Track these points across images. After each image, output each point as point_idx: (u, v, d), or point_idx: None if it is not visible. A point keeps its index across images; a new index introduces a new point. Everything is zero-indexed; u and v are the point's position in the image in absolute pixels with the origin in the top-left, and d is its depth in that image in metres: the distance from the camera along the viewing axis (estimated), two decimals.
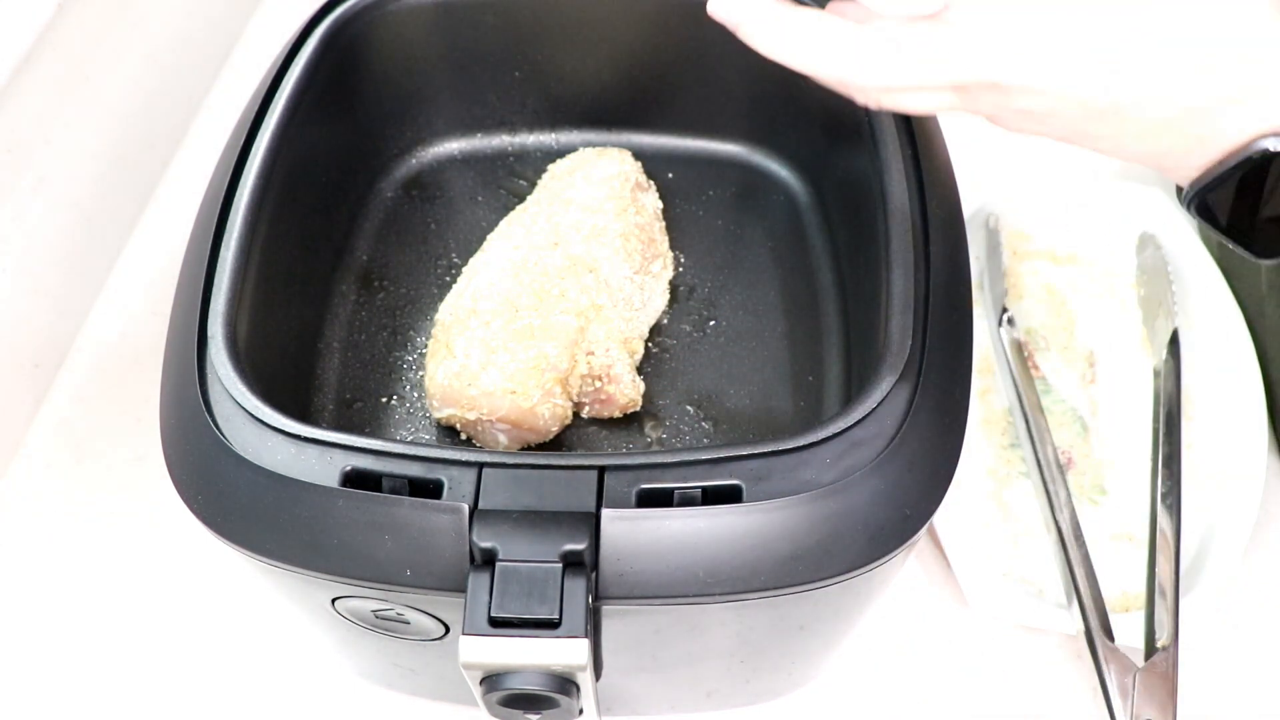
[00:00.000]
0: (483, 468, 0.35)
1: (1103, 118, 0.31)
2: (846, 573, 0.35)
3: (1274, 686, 0.51)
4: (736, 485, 0.35)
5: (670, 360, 0.53)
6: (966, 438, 0.38)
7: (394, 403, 0.52)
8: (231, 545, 0.36)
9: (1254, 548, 0.55)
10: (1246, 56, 0.31)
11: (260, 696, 0.52)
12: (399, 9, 0.54)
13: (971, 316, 0.42)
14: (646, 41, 0.57)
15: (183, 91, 0.74)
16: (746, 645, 0.41)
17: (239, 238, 0.42)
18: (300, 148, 0.48)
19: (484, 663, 0.33)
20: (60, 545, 0.56)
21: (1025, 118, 0.32)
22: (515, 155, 0.61)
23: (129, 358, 0.63)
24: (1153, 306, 0.62)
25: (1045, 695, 0.51)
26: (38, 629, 0.54)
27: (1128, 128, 0.32)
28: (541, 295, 0.49)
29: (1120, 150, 0.33)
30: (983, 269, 0.63)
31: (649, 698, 0.47)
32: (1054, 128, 0.32)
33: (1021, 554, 0.54)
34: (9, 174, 0.57)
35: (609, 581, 0.34)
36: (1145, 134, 0.32)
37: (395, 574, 0.34)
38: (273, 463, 0.36)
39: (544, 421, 0.48)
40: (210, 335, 0.39)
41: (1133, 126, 0.31)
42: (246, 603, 0.54)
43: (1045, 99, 0.31)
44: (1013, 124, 0.33)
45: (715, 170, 0.60)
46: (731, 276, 0.56)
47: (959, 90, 0.32)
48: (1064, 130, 0.33)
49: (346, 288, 0.55)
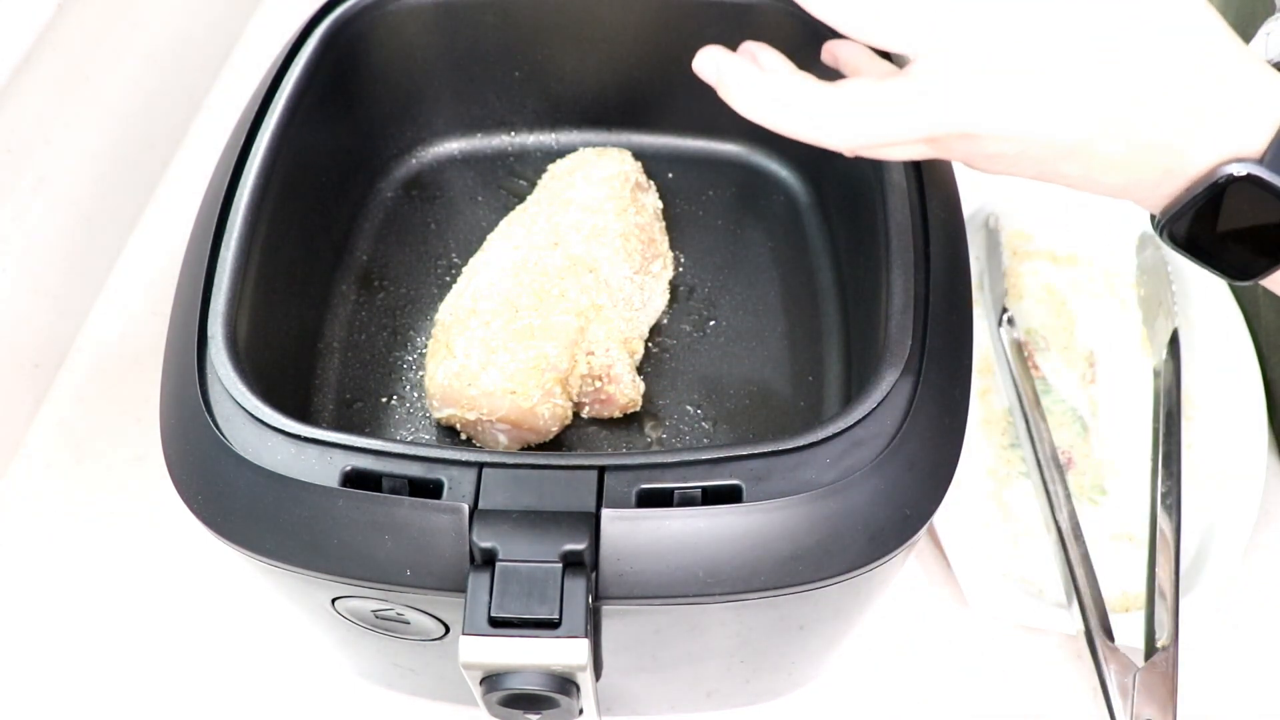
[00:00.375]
0: (483, 468, 0.35)
1: (1072, 156, 0.33)
2: (846, 573, 0.35)
3: (1274, 686, 0.51)
4: (736, 485, 0.35)
5: (670, 360, 0.53)
6: (966, 438, 0.38)
7: (394, 403, 0.52)
8: (231, 545, 0.36)
9: (1254, 548, 0.55)
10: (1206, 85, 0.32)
11: (260, 696, 0.52)
12: (399, 9, 0.54)
13: (971, 316, 0.42)
14: (646, 41, 0.57)
15: (183, 91, 0.74)
16: (746, 645, 0.41)
17: (239, 238, 0.42)
18: (300, 148, 0.48)
19: (484, 663, 0.33)
20: (60, 545, 0.56)
21: (996, 160, 0.34)
22: (515, 155, 0.61)
23: (129, 358, 0.63)
24: (1153, 306, 0.62)
25: (1045, 695, 0.51)
26: (38, 629, 0.54)
27: (1096, 164, 0.33)
28: (541, 295, 0.49)
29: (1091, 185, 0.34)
30: (983, 269, 0.63)
31: (649, 698, 0.47)
32: (1025, 168, 0.34)
33: (1021, 554, 0.54)
34: (9, 174, 0.57)
35: (609, 581, 0.34)
36: (1113, 169, 0.33)
37: (395, 574, 0.34)
38: (273, 463, 0.36)
39: (544, 421, 0.48)
40: (210, 335, 0.39)
41: (1100, 162, 0.33)
42: (246, 603, 0.54)
43: (1014, 143, 0.33)
44: (985, 166, 0.35)
45: (715, 170, 0.60)
46: (731, 276, 0.56)
47: (930, 141, 0.33)
48: (1035, 170, 0.34)
49: (346, 288, 0.55)
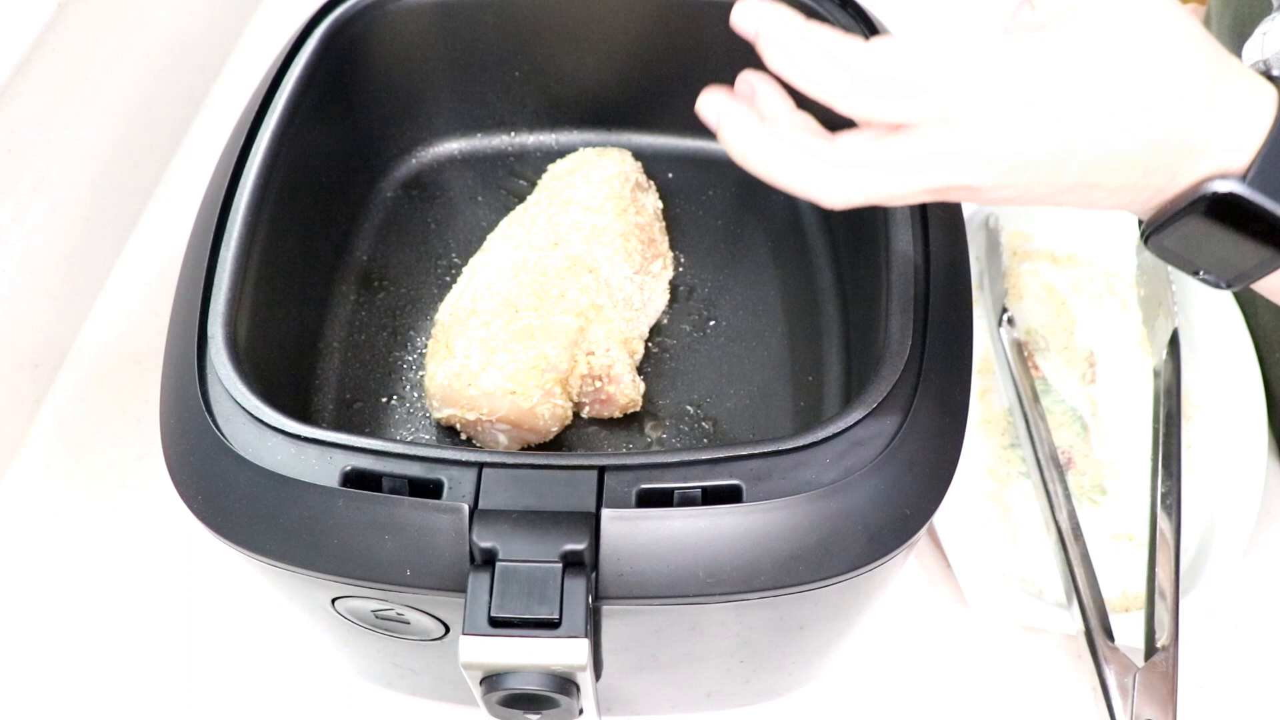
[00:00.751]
0: (483, 468, 0.35)
1: (1071, 191, 0.34)
2: (846, 573, 0.35)
3: (1274, 686, 0.52)
4: (736, 485, 0.35)
5: (670, 360, 0.53)
6: (966, 438, 0.38)
7: (394, 403, 0.52)
8: (231, 545, 0.36)
9: (1254, 548, 0.55)
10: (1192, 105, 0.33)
11: (260, 696, 0.52)
12: (399, 9, 0.54)
13: (971, 316, 0.42)
14: (646, 41, 0.57)
15: (183, 91, 0.74)
16: (746, 645, 0.41)
17: (239, 238, 0.42)
18: (300, 148, 0.48)
19: (484, 663, 0.33)
20: (60, 545, 0.56)
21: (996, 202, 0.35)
22: (515, 155, 0.61)
23: (129, 358, 0.63)
24: (1153, 306, 0.62)
25: (1045, 695, 0.51)
26: (38, 629, 0.54)
27: (1094, 194, 0.34)
28: (541, 295, 0.49)
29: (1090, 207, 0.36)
30: (983, 269, 0.63)
31: (649, 698, 0.47)
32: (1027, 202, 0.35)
33: (1021, 554, 0.54)
34: (9, 174, 0.57)
35: (609, 581, 0.34)
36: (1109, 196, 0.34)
37: (395, 574, 0.34)
38: (273, 463, 0.36)
39: (544, 422, 0.48)
40: (210, 335, 0.39)
41: (1098, 192, 0.34)
42: (246, 602, 0.54)
43: (1015, 189, 0.34)
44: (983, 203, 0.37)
45: (715, 170, 0.60)
46: (731, 276, 0.56)
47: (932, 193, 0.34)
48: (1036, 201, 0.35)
49: (346, 288, 0.55)
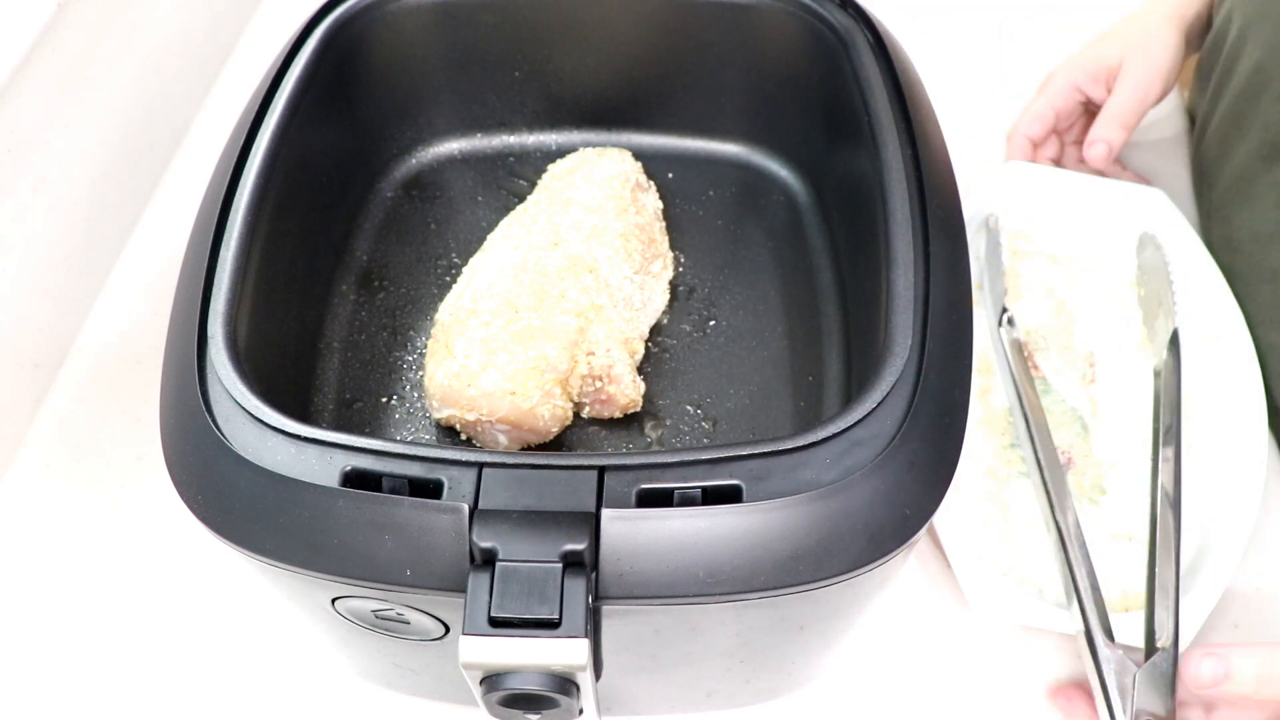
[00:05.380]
0: (483, 468, 0.35)
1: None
2: (846, 573, 0.35)
3: None
4: (736, 485, 0.35)
5: (670, 360, 0.53)
6: (966, 438, 0.38)
7: (394, 403, 0.52)
8: (231, 545, 0.36)
9: (1254, 548, 0.55)
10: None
11: (260, 696, 0.52)
12: (399, 9, 0.54)
13: (971, 316, 0.42)
14: (646, 41, 0.57)
15: (183, 91, 0.74)
16: (746, 645, 0.41)
17: (239, 238, 0.42)
18: (300, 148, 0.48)
19: (484, 663, 0.33)
20: (60, 545, 0.56)
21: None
22: (515, 155, 0.61)
23: (129, 358, 0.63)
24: (1153, 306, 0.62)
25: (1045, 695, 0.51)
26: (38, 629, 0.54)
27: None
28: (541, 295, 0.49)
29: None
30: (983, 269, 0.63)
31: (649, 698, 0.47)
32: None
33: (1021, 554, 0.54)
34: (9, 174, 0.57)
35: (609, 581, 0.34)
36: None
37: (395, 574, 0.34)
38: (273, 463, 0.36)
39: (544, 422, 0.48)
40: (210, 335, 0.39)
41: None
42: (246, 602, 0.54)
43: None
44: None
45: (715, 170, 0.60)
46: (731, 276, 0.56)
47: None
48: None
49: (346, 288, 0.55)
